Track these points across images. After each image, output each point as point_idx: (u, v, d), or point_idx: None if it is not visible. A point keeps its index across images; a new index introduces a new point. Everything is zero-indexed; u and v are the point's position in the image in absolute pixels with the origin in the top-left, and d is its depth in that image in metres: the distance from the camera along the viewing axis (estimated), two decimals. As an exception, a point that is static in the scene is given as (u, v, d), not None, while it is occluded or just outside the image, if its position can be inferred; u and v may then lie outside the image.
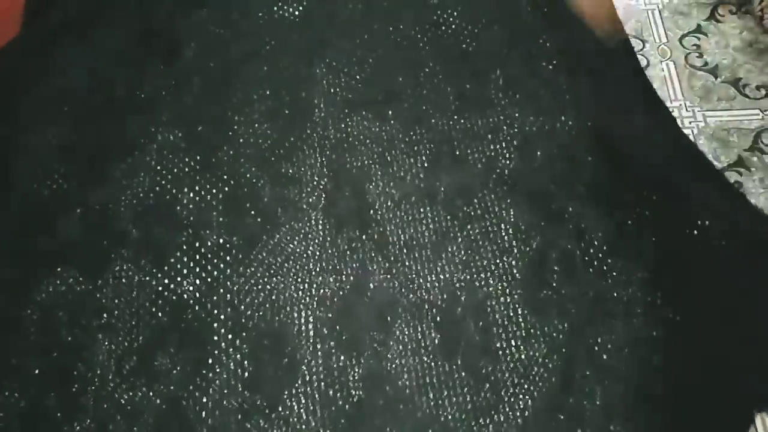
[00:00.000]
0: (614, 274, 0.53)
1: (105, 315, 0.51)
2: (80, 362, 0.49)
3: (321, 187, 0.56)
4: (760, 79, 0.69)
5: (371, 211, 0.55)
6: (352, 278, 0.52)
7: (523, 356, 0.50)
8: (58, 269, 0.52)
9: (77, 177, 0.57)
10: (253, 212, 0.55)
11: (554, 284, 0.53)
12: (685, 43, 0.72)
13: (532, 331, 0.51)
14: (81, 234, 0.54)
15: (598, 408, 0.49)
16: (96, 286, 0.52)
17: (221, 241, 0.53)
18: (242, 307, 0.51)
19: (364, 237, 0.54)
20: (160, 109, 0.59)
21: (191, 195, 0.55)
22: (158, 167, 0.56)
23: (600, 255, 0.54)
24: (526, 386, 0.49)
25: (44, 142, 0.58)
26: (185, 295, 0.51)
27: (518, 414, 0.48)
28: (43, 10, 0.66)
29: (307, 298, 0.51)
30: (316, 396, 0.48)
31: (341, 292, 0.52)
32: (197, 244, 0.53)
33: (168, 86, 0.60)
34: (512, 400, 0.49)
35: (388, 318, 0.51)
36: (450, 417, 0.48)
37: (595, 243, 0.54)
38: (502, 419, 0.48)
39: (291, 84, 0.60)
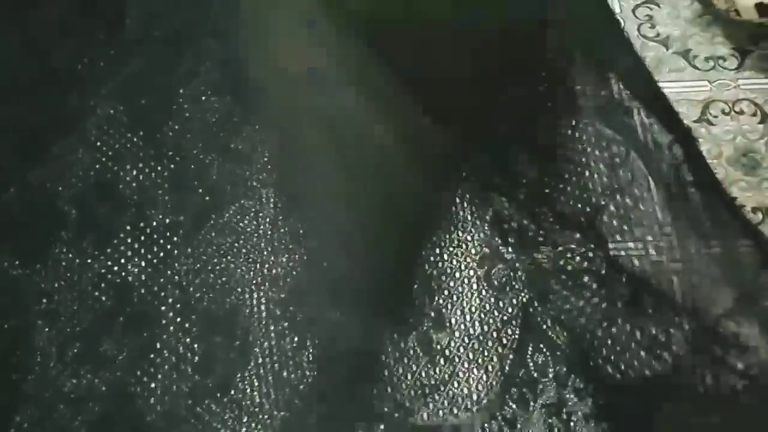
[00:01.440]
0: (571, 247, 0.54)
1: (45, 300, 0.49)
2: (20, 350, 0.47)
3: (272, 163, 0.55)
4: (708, 50, 0.70)
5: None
6: (305, 257, 0.51)
7: (477, 331, 0.50)
8: None
9: (13, 155, 0.54)
10: (200, 190, 0.53)
11: (509, 258, 0.53)
12: (638, 14, 0.72)
13: (486, 306, 0.51)
14: (18, 215, 0.52)
15: (549, 380, 0.49)
16: (35, 270, 0.50)
17: (167, 220, 0.52)
18: (191, 288, 0.50)
19: (317, 214, 0.53)
20: (100, 81, 0.56)
21: (134, 172, 0.53)
22: (98, 143, 0.54)
23: (556, 228, 0.54)
24: (479, 360, 0.49)
25: None
26: (130, 278, 0.50)
27: (473, 388, 0.49)
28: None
29: (259, 278, 0.50)
30: (269, 378, 0.47)
31: (294, 272, 0.51)
32: (142, 224, 0.51)
33: (108, 57, 0.57)
34: (466, 375, 0.49)
35: (342, 296, 0.50)
36: (405, 393, 0.48)
37: (551, 217, 0.55)
38: (456, 394, 0.48)
39: (238, 56, 0.58)
